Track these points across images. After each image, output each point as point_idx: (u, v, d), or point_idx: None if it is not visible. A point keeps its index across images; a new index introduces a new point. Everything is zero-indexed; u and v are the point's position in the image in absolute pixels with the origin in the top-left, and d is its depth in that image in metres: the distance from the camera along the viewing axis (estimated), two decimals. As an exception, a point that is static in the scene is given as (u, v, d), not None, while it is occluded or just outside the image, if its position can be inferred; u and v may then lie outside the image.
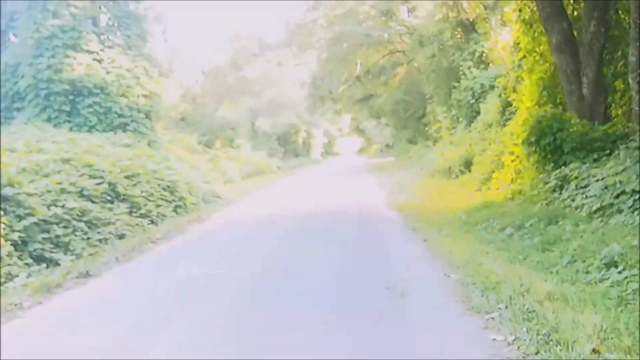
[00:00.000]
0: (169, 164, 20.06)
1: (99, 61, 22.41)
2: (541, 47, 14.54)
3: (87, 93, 21.95)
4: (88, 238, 12.38)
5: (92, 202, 13.76)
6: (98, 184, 14.45)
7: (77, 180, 13.86)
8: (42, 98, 21.49)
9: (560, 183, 11.46)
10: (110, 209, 14.18)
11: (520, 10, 14.84)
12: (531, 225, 9.77)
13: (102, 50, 22.52)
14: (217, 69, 51.08)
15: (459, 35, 28.66)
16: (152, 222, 15.55)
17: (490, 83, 25.39)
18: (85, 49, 22.08)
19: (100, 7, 23.37)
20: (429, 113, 38.86)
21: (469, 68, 27.15)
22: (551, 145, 12.57)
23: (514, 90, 18.72)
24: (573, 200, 10.47)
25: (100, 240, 12.55)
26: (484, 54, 27.51)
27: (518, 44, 17.70)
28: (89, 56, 22.15)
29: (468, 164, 20.92)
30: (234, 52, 51.02)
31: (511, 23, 18.52)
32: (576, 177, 10.99)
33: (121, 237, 13.30)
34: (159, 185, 17.37)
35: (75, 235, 11.90)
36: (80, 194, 13.53)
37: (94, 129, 21.84)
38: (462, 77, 27.14)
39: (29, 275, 8.89)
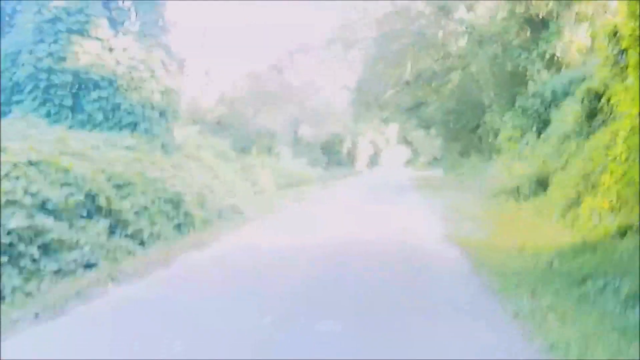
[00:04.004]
0: (178, 172, 16.87)
1: (109, 50, 19.39)
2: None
3: (93, 86, 18.95)
4: (38, 270, 9.21)
5: (57, 218, 10.60)
6: (71, 194, 11.31)
7: (41, 188, 10.71)
8: (41, 90, 18.61)
9: None
10: (83, 228, 11.00)
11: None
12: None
13: (113, 37, 19.49)
14: (258, 73, 48.11)
15: (525, 35, 24.85)
16: (141, 243, 12.35)
17: (563, 89, 21.61)
18: (94, 36, 19.10)
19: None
20: (484, 124, 35.02)
21: (538, 71, 23.33)
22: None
23: (606, 94, 14.98)
24: None
25: (56, 273, 9.34)
26: (556, 56, 23.63)
27: (615, 33, 13.98)
28: (98, 44, 19.16)
29: (542, 184, 17.11)
30: (275, 56, 48.06)
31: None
32: None
33: (90, 266, 10.10)
34: (159, 197, 14.17)
35: (14, 267, 8.70)
36: (41, 207, 10.38)
37: (99, 127, 18.82)
38: (530, 81, 23.32)
39: None
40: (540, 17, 24.22)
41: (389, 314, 7.01)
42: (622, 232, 9.82)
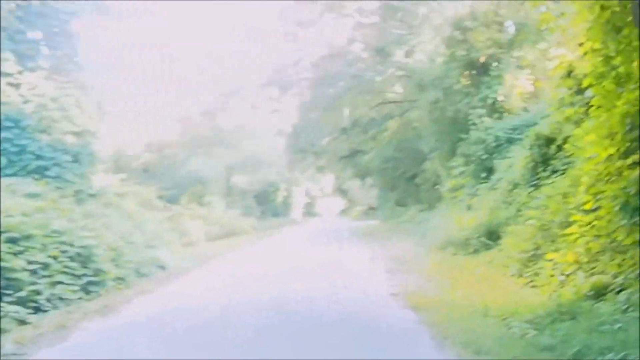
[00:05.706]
0: (91, 223, 14.90)
1: (16, 86, 17.44)
2: (634, 65, 9.66)
3: (-4, 127, 16.92)
4: None
5: None
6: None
7: None
8: None
9: None
10: (-43, 296, 9.00)
11: (602, 9, 9.95)
12: None
13: (19, 73, 17.55)
14: (189, 117, 46.36)
15: (467, 79, 24.14)
16: (37, 310, 10.37)
17: (507, 135, 20.87)
18: (-2, 71, 17.16)
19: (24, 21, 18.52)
20: (422, 172, 34.19)
21: (480, 117, 22.50)
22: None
23: (558, 139, 14.14)
24: None
25: None
26: (498, 102, 22.96)
27: (570, 72, 13.10)
28: (2, 80, 17.20)
29: (492, 235, 15.92)
30: (207, 100, 46.42)
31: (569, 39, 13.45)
32: None
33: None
34: (63, 253, 12.19)
35: None
36: None
37: (2, 172, 16.70)
38: (472, 127, 22.46)
39: None
40: (481, 61, 23.59)
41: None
42: (598, 293, 8.49)
